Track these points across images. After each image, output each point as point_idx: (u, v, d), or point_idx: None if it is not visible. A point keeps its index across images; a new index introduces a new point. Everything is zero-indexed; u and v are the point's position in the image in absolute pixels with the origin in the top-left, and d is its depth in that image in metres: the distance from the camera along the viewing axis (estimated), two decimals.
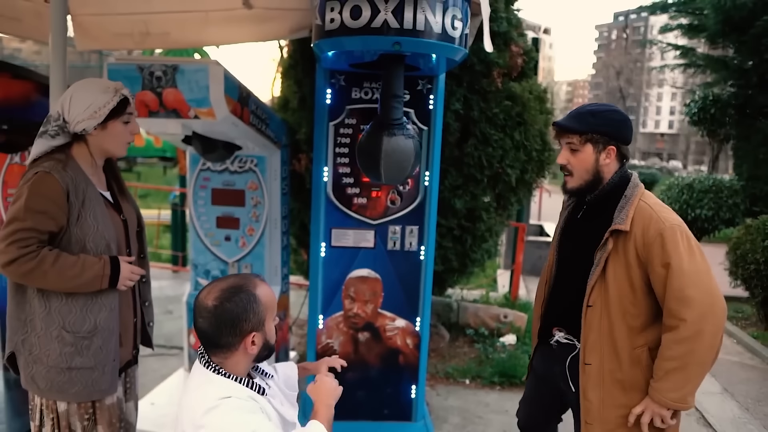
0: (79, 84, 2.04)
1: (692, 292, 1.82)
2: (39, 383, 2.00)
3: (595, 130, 2.02)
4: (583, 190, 2.10)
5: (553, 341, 2.21)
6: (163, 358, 4.49)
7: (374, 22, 2.28)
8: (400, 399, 3.43)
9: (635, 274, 1.95)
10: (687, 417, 3.99)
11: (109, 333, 2.05)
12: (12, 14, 4.05)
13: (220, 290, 1.56)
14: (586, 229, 2.13)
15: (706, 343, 1.83)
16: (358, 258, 3.26)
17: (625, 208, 1.99)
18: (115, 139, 2.05)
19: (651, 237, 1.90)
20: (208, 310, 1.54)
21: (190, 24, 4.35)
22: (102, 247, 2.01)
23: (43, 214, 1.87)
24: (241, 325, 1.54)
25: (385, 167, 2.51)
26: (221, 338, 1.55)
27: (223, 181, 3.85)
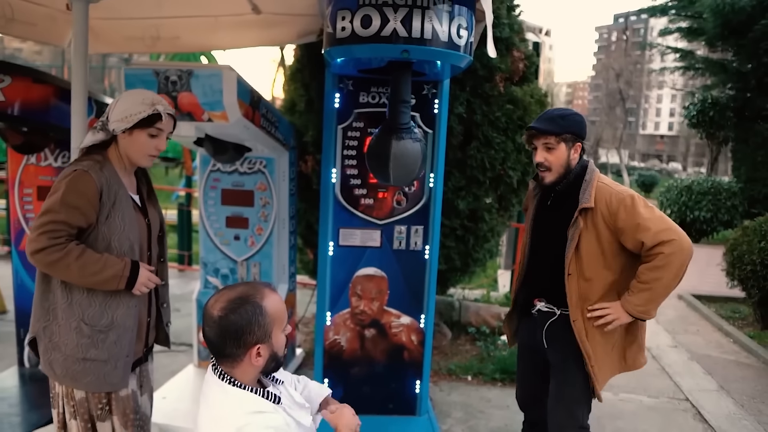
0: (132, 91, 2.20)
1: (665, 234, 2.26)
2: (56, 369, 2.10)
3: (567, 130, 2.43)
4: (557, 182, 2.48)
5: (534, 311, 2.57)
6: (173, 354, 4.59)
7: (384, 30, 2.38)
8: (405, 394, 3.53)
9: (606, 240, 2.36)
10: (684, 413, 4.10)
11: (124, 329, 2.15)
12: (28, 19, 4.14)
13: (226, 300, 1.54)
14: (556, 214, 2.50)
15: (673, 273, 2.26)
16: (365, 257, 3.36)
17: (587, 190, 2.39)
18: (138, 148, 2.15)
19: (614, 207, 2.33)
20: (213, 320, 1.53)
21: (200, 28, 4.46)
22: (126, 248, 2.12)
23: (76, 210, 1.99)
24: (245, 337, 1.52)
25: (394, 169, 2.61)
26: (226, 349, 1.54)
27: (232, 182, 3.96)
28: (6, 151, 3.65)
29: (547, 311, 2.53)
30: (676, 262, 2.25)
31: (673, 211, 12.40)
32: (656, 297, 2.31)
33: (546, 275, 2.53)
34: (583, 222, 2.38)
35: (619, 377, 4.49)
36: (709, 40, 13.03)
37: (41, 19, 4.22)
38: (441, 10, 2.41)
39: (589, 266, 2.40)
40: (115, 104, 2.12)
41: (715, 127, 13.02)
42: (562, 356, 2.51)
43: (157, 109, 2.12)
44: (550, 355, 2.56)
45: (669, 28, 14.95)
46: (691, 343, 5.69)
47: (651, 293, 2.29)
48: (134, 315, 2.19)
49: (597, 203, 2.36)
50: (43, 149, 3.74)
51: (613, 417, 3.96)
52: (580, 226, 2.38)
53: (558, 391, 2.54)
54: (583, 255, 2.40)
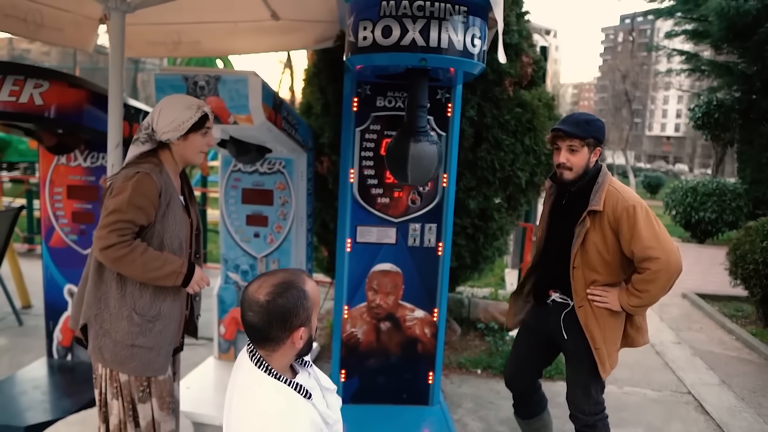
0: (169, 99, 2.36)
1: (651, 252, 2.45)
2: (105, 354, 2.28)
3: (591, 135, 2.61)
4: (576, 181, 2.66)
5: (549, 300, 2.80)
6: (193, 348, 4.76)
7: (403, 40, 2.53)
8: (418, 384, 3.69)
9: (609, 241, 2.58)
10: (686, 405, 4.25)
11: (170, 320, 2.35)
12: (55, 25, 4.33)
13: (271, 285, 1.58)
14: (569, 212, 2.70)
15: (660, 286, 2.50)
16: (381, 253, 3.53)
17: (598, 192, 2.59)
18: (194, 149, 2.36)
19: (619, 213, 2.52)
20: (259, 305, 1.56)
21: (220, 34, 4.64)
22: (176, 245, 2.31)
23: (140, 210, 2.18)
24: (292, 320, 1.57)
25: (412, 170, 2.78)
26: (271, 332, 1.58)
27: (253, 182, 4.13)
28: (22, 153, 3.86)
29: (562, 302, 2.76)
30: (662, 278, 2.48)
31: (678, 212, 12.51)
32: (646, 303, 2.56)
33: (559, 268, 2.73)
34: (591, 222, 2.60)
35: (624, 371, 4.69)
36: (715, 43, 13.15)
37: (68, 24, 4.41)
38: (457, 21, 2.57)
39: (593, 262, 2.62)
40: (158, 115, 2.29)
41: (720, 128, 13.13)
42: (574, 344, 2.72)
43: (204, 110, 2.33)
44: (567, 343, 2.76)
45: (675, 30, 15.05)
46: (694, 340, 5.83)
47: (641, 300, 2.54)
48: (179, 307, 2.38)
49: (605, 206, 2.55)
50: (74, 150, 3.92)
51: (618, 409, 4.10)
52: (586, 225, 2.60)
53: (575, 375, 2.79)
54: (589, 251, 2.62)
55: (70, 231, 4.05)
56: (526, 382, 3.05)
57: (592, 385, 2.73)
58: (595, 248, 2.61)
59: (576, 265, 2.65)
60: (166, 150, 2.35)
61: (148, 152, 2.31)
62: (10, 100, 3.27)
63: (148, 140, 2.31)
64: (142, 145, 2.30)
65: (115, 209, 2.14)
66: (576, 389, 2.78)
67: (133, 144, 2.33)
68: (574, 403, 2.79)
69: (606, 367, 2.65)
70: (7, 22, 3.88)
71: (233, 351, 4.33)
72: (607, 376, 2.69)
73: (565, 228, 2.69)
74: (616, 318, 2.67)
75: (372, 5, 2.57)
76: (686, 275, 8.95)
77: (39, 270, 4.41)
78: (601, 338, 2.64)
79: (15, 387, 3.81)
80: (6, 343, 4.69)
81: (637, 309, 2.59)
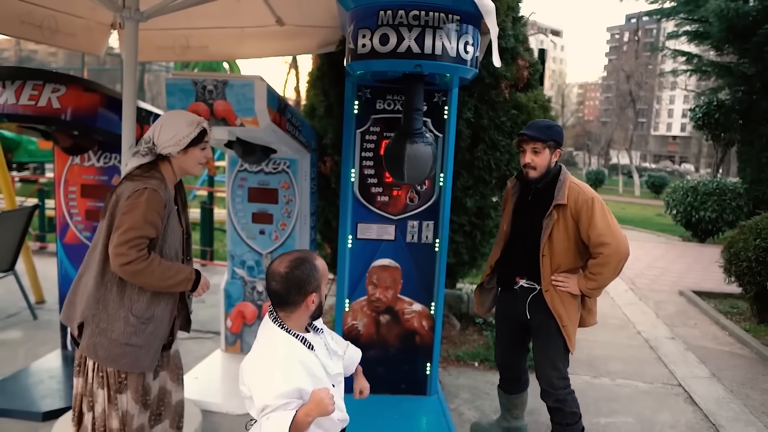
0: (170, 114, 2.56)
1: (605, 239, 2.84)
2: (99, 352, 2.39)
3: (551, 138, 2.99)
4: (540, 179, 3.03)
5: (517, 287, 3.14)
6: (201, 341, 4.95)
7: (399, 47, 2.70)
8: (416, 375, 3.85)
9: (571, 231, 2.96)
10: (675, 397, 4.40)
11: (161, 321, 2.51)
12: (69, 30, 4.51)
13: (289, 261, 1.98)
14: (535, 207, 3.06)
15: (611, 269, 2.87)
16: (381, 249, 3.69)
17: (561, 188, 2.96)
18: (193, 162, 2.54)
19: (580, 204, 2.91)
20: (281, 275, 1.95)
21: (228, 39, 4.82)
22: (172, 253, 2.49)
23: (153, 225, 2.35)
24: (305, 287, 1.96)
25: (408, 169, 2.95)
26: (290, 297, 1.96)
27: (258, 181, 4.31)
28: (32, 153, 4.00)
29: (528, 287, 3.11)
30: (613, 262, 2.86)
31: (678, 211, 12.63)
32: (600, 285, 2.95)
33: (526, 257, 3.08)
34: (557, 214, 2.97)
35: (618, 365, 4.87)
36: (715, 44, 13.26)
37: (81, 30, 4.60)
38: (450, 29, 2.73)
39: (559, 250, 2.99)
40: (158, 130, 2.46)
41: (721, 129, 13.23)
42: (543, 323, 3.07)
43: (203, 126, 2.53)
44: (533, 323, 3.12)
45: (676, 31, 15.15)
46: (688, 335, 5.98)
47: (596, 282, 2.93)
48: (170, 311, 2.56)
49: (568, 200, 2.94)
50: (88, 151, 4.10)
51: (609, 400, 4.26)
52: (554, 217, 2.97)
53: (542, 351, 3.11)
54: (555, 241, 2.99)
55: (83, 228, 4.24)
56: (517, 366, 3.39)
57: (559, 360, 3.07)
58: (560, 237, 2.97)
59: (545, 253, 3.00)
60: (166, 162, 2.50)
61: (149, 164, 2.47)
62: (30, 104, 3.47)
63: (149, 153, 2.45)
64: (143, 157, 2.45)
65: (132, 227, 2.29)
66: (546, 366, 3.08)
67: (133, 156, 2.49)
68: (545, 378, 3.08)
69: (573, 341, 3.02)
70: (24, 28, 4.07)
71: (239, 344, 4.51)
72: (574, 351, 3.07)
73: (532, 221, 3.05)
74: (576, 300, 3.05)
75: (370, 14, 2.74)
76: (685, 273, 9.16)
77: (51, 267, 4.60)
78: (567, 317, 3.01)
79: (32, 377, 4.00)
80: (22, 336, 4.88)
81: (593, 291, 2.96)
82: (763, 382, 4.78)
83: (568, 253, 3.00)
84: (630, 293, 7.72)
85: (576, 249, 3.01)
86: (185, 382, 3.97)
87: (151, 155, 2.46)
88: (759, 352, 5.39)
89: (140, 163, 2.46)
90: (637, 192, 32.32)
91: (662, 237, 13.97)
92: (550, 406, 3.11)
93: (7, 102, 3.50)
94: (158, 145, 2.45)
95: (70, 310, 2.50)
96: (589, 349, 5.32)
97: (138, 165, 2.45)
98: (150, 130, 2.49)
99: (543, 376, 3.09)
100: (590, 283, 2.94)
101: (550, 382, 3.07)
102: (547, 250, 3.00)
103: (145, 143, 2.47)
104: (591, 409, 4.09)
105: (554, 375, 3.06)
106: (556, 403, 3.08)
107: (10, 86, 3.51)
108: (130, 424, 2.48)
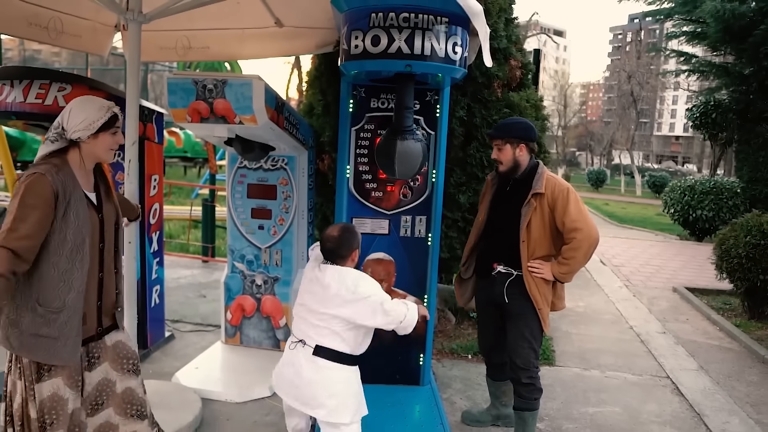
0: (79, 100, 2.47)
1: (578, 225, 3.06)
2: (12, 342, 2.31)
3: (510, 135, 3.20)
4: (509, 172, 3.25)
5: (495, 272, 3.31)
6: (201, 334, 5.09)
7: (390, 48, 2.83)
8: (410, 366, 3.97)
9: (548, 219, 3.16)
10: (663, 388, 4.52)
11: (74, 311, 2.35)
12: (74, 32, 4.64)
13: (339, 228, 2.77)
14: (514, 197, 3.25)
15: (582, 253, 3.08)
16: (375, 243, 3.82)
17: (539, 180, 3.17)
18: (104, 147, 2.45)
19: (556, 194, 3.12)
20: (334, 237, 2.73)
21: (228, 39, 4.95)
22: (79, 240, 2.34)
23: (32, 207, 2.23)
24: (352, 244, 2.75)
25: (398, 165, 3.08)
26: (342, 251, 2.71)
27: (257, 178, 4.44)
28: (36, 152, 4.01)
29: (506, 273, 3.28)
30: (584, 247, 3.07)
31: (676, 210, 12.74)
32: (572, 270, 3.15)
33: (504, 244, 3.26)
34: (535, 202, 3.16)
35: (608, 358, 5.00)
36: (712, 44, 13.36)
37: (86, 31, 4.73)
38: (439, 31, 2.86)
39: (535, 236, 3.18)
40: (68, 115, 2.38)
41: (718, 128, 13.34)
42: (519, 307, 3.24)
43: (114, 111, 2.46)
44: (510, 306, 3.28)
45: (674, 32, 15.25)
46: (679, 330, 6.09)
47: (568, 267, 3.13)
48: (85, 299, 2.41)
49: (545, 189, 3.14)
50: None
51: (599, 390, 4.39)
52: (532, 206, 3.16)
53: (519, 333, 3.26)
54: (533, 228, 3.18)
55: None
56: (499, 352, 3.50)
57: (535, 341, 3.27)
58: (537, 224, 3.17)
59: (524, 239, 3.18)
60: (75, 149, 2.41)
61: (56, 151, 2.38)
62: (37, 102, 3.61)
63: (58, 139, 2.37)
64: (52, 144, 2.37)
65: (13, 217, 2.20)
66: (524, 346, 3.25)
67: (43, 144, 2.41)
68: (523, 357, 3.24)
69: (547, 322, 3.25)
70: (30, 29, 4.21)
71: (239, 336, 4.64)
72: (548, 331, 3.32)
73: (510, 210, 3.24)
74: (549, 285, 3.24)
75: (362, 17, 2.88)
76: (680, 271, 9.26)
77: None
78: (542, 300, 3.17)
79: None
80: None
81: (564, 275, 3.15)
82: (749, 375, 4.90)
83: (543, 240, 3.18)
84: (624, 290, 7.84)
85: (550, 236, 3.19)
86: (186, 372, 4.16)
87: (60, 141, 2.37)
88: (747, 346, 5.51)
89: (49, 150, 2.36)
90: (638, 192, 32.41)
91: (660, 236, 14.08)
92: (523, 382, 3.24)
93: (16, 100, 3.64)
94: (68, 130, 2.36)
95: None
96: (580, 343, 5.45)
97: (47, 152, 2.36)
98: (60, 116, 2.41)
99: (521, 355, 3.24)
100: (562, 267, 3.13)
101: (527, 360, 3.23)
102: (525, 235, 3.18)
103: (54, 129, 2.39)
104: (580, 400, 4.22)
105: (531, 355, 3.24)
106: (529, 379, 3.24)
107: (18, 85, 3.66)
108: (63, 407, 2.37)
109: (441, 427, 3.47)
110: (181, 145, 22.57)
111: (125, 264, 3.25)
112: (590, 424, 3.87)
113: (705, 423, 3.96)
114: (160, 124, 4.61)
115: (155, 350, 4.64)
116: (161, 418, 2.89)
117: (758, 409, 4.24)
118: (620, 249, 11.34)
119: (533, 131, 3.27)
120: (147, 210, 4.44)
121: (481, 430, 3.72)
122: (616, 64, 58.61)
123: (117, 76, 21.38)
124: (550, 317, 3.37)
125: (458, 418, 3.81)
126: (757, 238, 6.01)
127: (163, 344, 4.79)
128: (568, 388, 4.42)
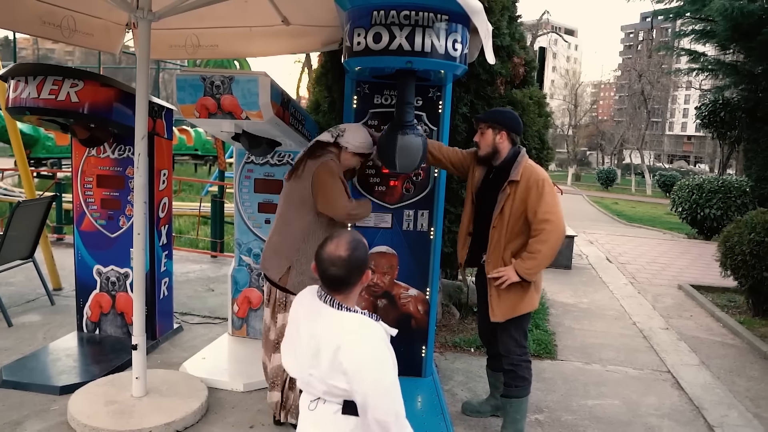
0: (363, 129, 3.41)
1: (549, 216, 3.10)
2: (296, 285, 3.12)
3: (493, 120, 3.29)
4: (487, 157, 3.34)
5: (482, 261, 3.40)
6: (209, 326, 5.19)
7: (391, 45, 2.90)
8: (413, 357, 4.05)
9: (520, 207, 3.19)
10: (663, 382, 4.57)
11: None
12: (87, 30, 4.75)
13: (346, 244, 1.94)
14: (494, 184, 3.31)
15: (550, 246, 3.11)
16: (378, 236, 3.90)
17: (517, 168, 3.22)
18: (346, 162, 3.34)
19: (531, 184, 3.16)
20: (342, 259, 1.90)
21: (236, 37, 5.04)
22: None
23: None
24: (364, 266, 1.96)
25: (399, 159, 3.15)
26: (352, 278, 1.93)
27: (264, 173, 4.53)
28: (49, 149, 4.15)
29: None
30: (552, 239, 3.11)
31: (684, 208, 12.73)
32: (539, 264, 3.15)
33: (487, 233, 3.32)
34: (510, 190, 3.22)
35: (610, 352, 5.05)
36: (721, 43, 13.32)
37: (98, 30, 4.83)
38: (439, 28, 2.93)
39: (510, 225, 3.23)
40: (356, 130, 3.31)
41: (726, 127, 13.32)
42: None
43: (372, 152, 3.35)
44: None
45: (683, 30, 15.22)
46: (682, 326, 6.13)
47: (535, 261, 3.13)
48: None
49: (522, 178, 3.19)
50: (103, 143, 4.34)
51: (599, 384, 4.44)
52: (507, 192, 3.22)
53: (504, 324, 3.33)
54: (505, 214, 3.24)
55: (99, 216, 4.49)
56: (492, 338, 3.56)
57: (515, 329, 3.34)
58: (511, 212, 3.21)
59: (495, 224, 3.25)
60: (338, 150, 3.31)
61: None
62: (50, 98, 3.71)
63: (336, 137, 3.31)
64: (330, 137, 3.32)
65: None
66: (502, 334, 3.36)
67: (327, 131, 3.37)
68: (503, 345, 3.37)
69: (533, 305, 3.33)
70: (44, 28, 4.31)
71: (245, 328, 4.73)
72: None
73: (492, 199, 3.30)
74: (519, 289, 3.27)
75: (364, 14, 2.95)
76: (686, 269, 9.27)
77: (68, 257, 4.85)
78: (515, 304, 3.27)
79: (50, 355, 4.25)
80: (40, 320, 5.13)
81: (530, 271, 3.15)
82: (750, 370, 4.94)
83: (514, 230, 3.22)
84: (629, 287, 7.87)
85: (521, 228, 3.22)
86: (193, 362, 4.30)
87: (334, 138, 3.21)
88: (750, 342, 5.54)
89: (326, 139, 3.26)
90: (648, 191, 32.30)
91: (668, 234, 14.08)
92: (505, 368, 3.38)
93: (30, 96, 3.75)
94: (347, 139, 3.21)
95: (268, 262, 3.28)
96: (583, 338, 5.51)
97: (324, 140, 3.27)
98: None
99: (502, 341, 3.37)
100: (527, 262, 3.14)
101: (507, 348, 3.35)
102: (498, 221, 3.24)
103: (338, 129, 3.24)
104: (580, 392, 4.28)
105: (510, 342, 3.34)
106: (510, 366, 3.34)
107: (32, 81, 3.77)
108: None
109: (441, 416, 3.54)
110: (192, 143, 22.76)
111: (134, 256, 3.38)
112: (589, 415, 3.93)
113: (703, 416, 4.00)
114: (169, 120, 4.71)
115: (164, 341, 4.74)
116: (169, 405, 2.98)
117: (757, 403, 4.28)
118: (627, 247, 11.34)
119: (517, 122, 3.35)
120: (156, 204, 4.54)
121: (481, 420, 3.78)
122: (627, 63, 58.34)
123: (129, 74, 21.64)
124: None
125: (459, 409, 3.88)
126: (762, 235, 6.03)
127: (172, 335, 4.89)
128: (568, 381, 4.48)
